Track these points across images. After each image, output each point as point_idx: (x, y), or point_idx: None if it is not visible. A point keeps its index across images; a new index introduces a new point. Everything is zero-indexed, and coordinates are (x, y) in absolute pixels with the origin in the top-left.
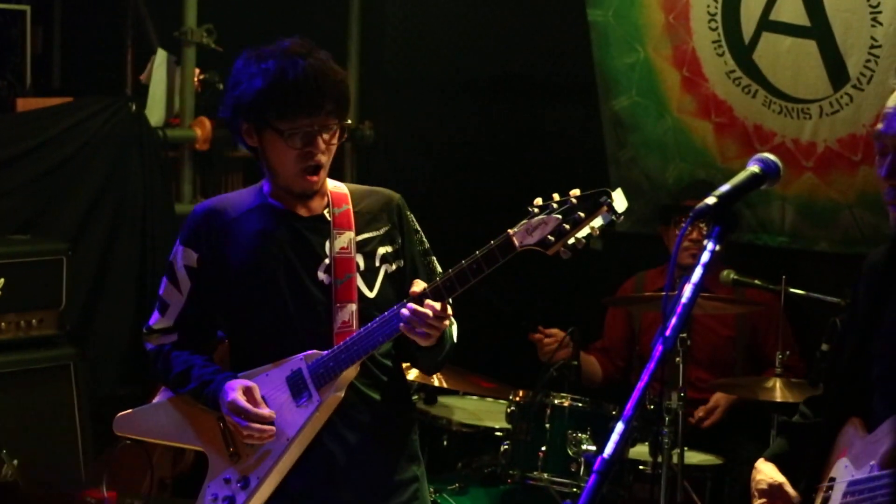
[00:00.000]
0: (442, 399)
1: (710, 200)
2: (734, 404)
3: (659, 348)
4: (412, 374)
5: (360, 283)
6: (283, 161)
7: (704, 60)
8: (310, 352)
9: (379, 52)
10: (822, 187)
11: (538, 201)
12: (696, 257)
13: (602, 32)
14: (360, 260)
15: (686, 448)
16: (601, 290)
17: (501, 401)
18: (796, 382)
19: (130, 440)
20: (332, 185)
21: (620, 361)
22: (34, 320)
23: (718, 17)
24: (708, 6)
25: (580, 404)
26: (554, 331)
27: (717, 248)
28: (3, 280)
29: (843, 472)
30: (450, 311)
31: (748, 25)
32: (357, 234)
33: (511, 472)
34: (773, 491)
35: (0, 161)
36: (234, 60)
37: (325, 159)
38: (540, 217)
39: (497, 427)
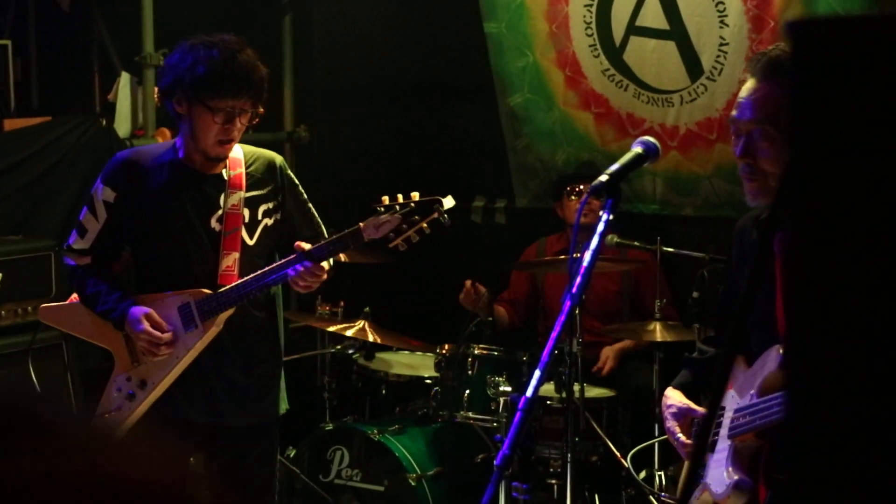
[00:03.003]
0: (379, 355)
1: (604, 178)
2: (620, 353)
3: (567, 303)
4: (351, 332)
5: (243, 233)
6: (207, 131)
7: (583, 61)
8: (198, 290)
9: (310, 67)
10: (685, 163)
11: (385, 199)
12: (589, 217)
13: (497, 41)
14: (245, 213)
15: (585, 384)
16: (506, 256)
17: (429, 354)
18: (672, 325)
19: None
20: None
21: (523, 313)
22: (29, 307)
23: (593, 25)
24: (584, 16)
25: (496, 353)
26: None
27: (611, 217)
28: (1, 275)
29: (729, 401)
30: (325, 273)
31: (618, 31)
32: (246, 191)
33: (441, 412)
34: (682, 412)
35: None
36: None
37: (236, 134)
38: (385, 216)
39: (427, 376)
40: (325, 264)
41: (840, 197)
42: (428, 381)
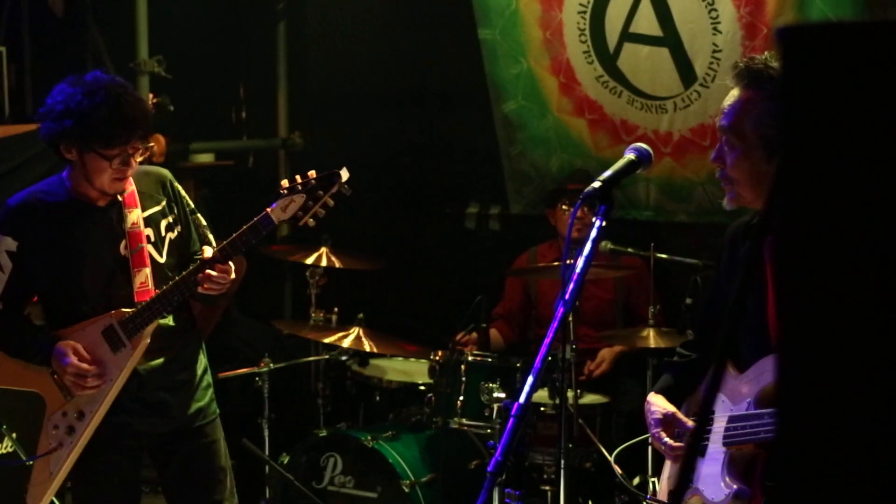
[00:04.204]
0: (373, 361)
1: (597, 184)
2: (617, 356)
3: (560, 310)
4: (346, 342)
5: (152, 251)
6: (101, 174)
7: (577, 68)
8: (117, 311)
9: (304, 74)
10: (678, 169)
11: (285, 183)
12: (583, 232)
13: (491, 48)
14: (149, 232)
15: (578, 391)
16: (500, 263)
17: (423, 360)
18: (666, 331)
19: None
20: None
21: (518, 323)
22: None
23: (587, 32)
24: (578, 23)
25: (490, 359)
26: (466, 338)
27: (604, 223)
28: None
29: (720, 406)
30: (232, 272)
31: (612, 37)
32: (143, 210)
33: (435, 419)
34: (667, 419)
35: None
36: (83, 87)
37: (130, 172)
38: (289, 196)
39: (421, 382)
40: (231, 263)
41: (830, 202)
42: (422, 388)
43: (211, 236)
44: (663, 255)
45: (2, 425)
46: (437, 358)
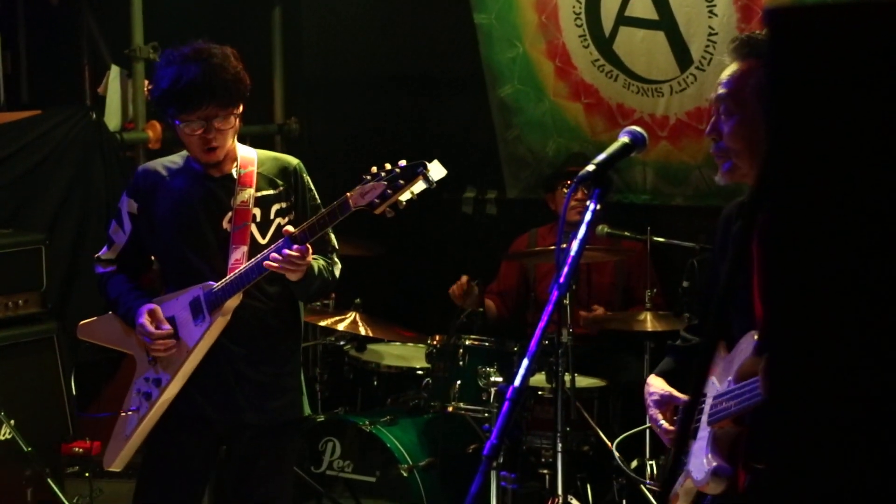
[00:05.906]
0: (371, 346)
1: (591, 167)
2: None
3: (555, 293)
4: (343, 325)
5: (254, 231)
6: (188, 141)
7: (573, 52)
8: (206, 283)
9: (299, 60)
10: (675, 152)
11: (373, 169)
12: (582, 214)
13: (487, 32)
14: (256, 212)
15: (576, 374)
16: (497, 246)
17: (421, 345)
18: (663, 314)
19: (90, 344)
20: (243, 150)
21: (512, 304)
22: (20, 301)
23: (582, 16)
24: (573, 6)
25: (487, 344)
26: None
27: (598, 207)
28: None
29: (710, 387)
30: (309, 255)
31: (607, 21)
32: (256, 190)
33: (432, 403)
34: (664, 400)
35: None
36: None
37: (220, 139)
38: (371, 183)
39: (419, 367)
40: (309, 247)
41: (818, 185)
42: (419, 373)
43: (332, 237)
44: (660, 239)
45: (0, 412)
46: (435, 342)
